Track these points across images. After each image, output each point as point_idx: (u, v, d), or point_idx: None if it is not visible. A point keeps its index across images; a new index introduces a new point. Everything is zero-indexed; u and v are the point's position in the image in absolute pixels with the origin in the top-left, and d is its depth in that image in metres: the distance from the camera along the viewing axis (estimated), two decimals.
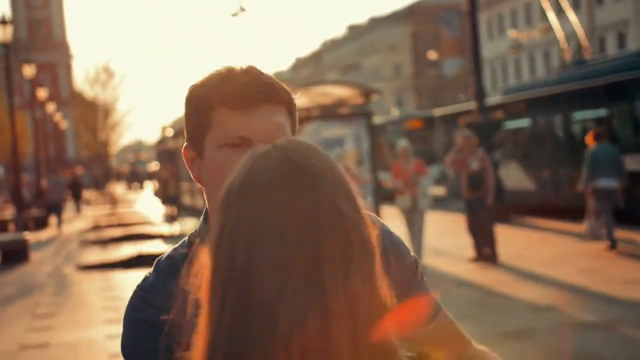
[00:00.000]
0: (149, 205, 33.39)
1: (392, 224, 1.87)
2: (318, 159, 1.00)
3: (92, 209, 34.92)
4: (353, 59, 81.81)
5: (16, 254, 15.83)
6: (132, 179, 62.14)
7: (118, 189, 63.25)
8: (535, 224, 15.97)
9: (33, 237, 18.78)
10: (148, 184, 54.33)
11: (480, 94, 15.64)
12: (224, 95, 1.39)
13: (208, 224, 1.46)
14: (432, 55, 61.56)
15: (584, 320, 7.65)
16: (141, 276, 1.46)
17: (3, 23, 22.91)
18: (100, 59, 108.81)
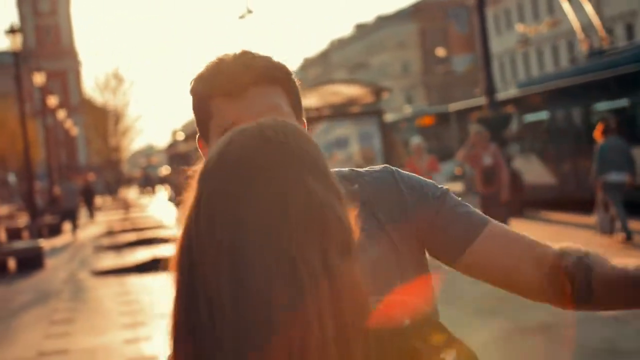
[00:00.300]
0: (162, 209, 33.45)
1: None
2: (293, 138, 1.00)
3: (106, 214, 35.04)
4: (361, 57, 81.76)
5: (31, 261, 15.88)
6: (145, 184, 62.28)
7: (130, 193, 63.42)
8: (551, 218, 15.88)
9: (47, 244, 18.82)
10: (160, 188, 54.45)
11: (491, 89, 15.63)
12: (217, 85, 1.44)
13: None
14: (441, 52, 61.43)
15: (601, 313, 7.60)
16: (157, 280, 1.45)
17: (12, 32, 23.02)
18: (109, 65, 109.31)
